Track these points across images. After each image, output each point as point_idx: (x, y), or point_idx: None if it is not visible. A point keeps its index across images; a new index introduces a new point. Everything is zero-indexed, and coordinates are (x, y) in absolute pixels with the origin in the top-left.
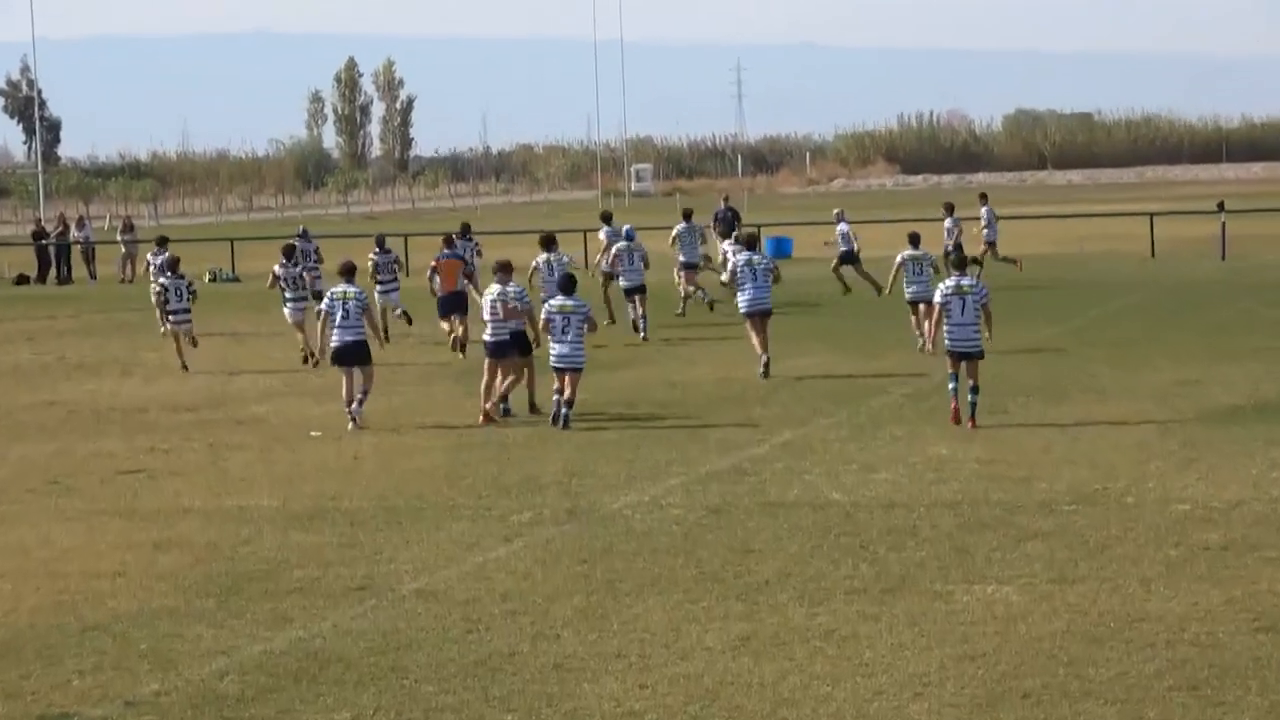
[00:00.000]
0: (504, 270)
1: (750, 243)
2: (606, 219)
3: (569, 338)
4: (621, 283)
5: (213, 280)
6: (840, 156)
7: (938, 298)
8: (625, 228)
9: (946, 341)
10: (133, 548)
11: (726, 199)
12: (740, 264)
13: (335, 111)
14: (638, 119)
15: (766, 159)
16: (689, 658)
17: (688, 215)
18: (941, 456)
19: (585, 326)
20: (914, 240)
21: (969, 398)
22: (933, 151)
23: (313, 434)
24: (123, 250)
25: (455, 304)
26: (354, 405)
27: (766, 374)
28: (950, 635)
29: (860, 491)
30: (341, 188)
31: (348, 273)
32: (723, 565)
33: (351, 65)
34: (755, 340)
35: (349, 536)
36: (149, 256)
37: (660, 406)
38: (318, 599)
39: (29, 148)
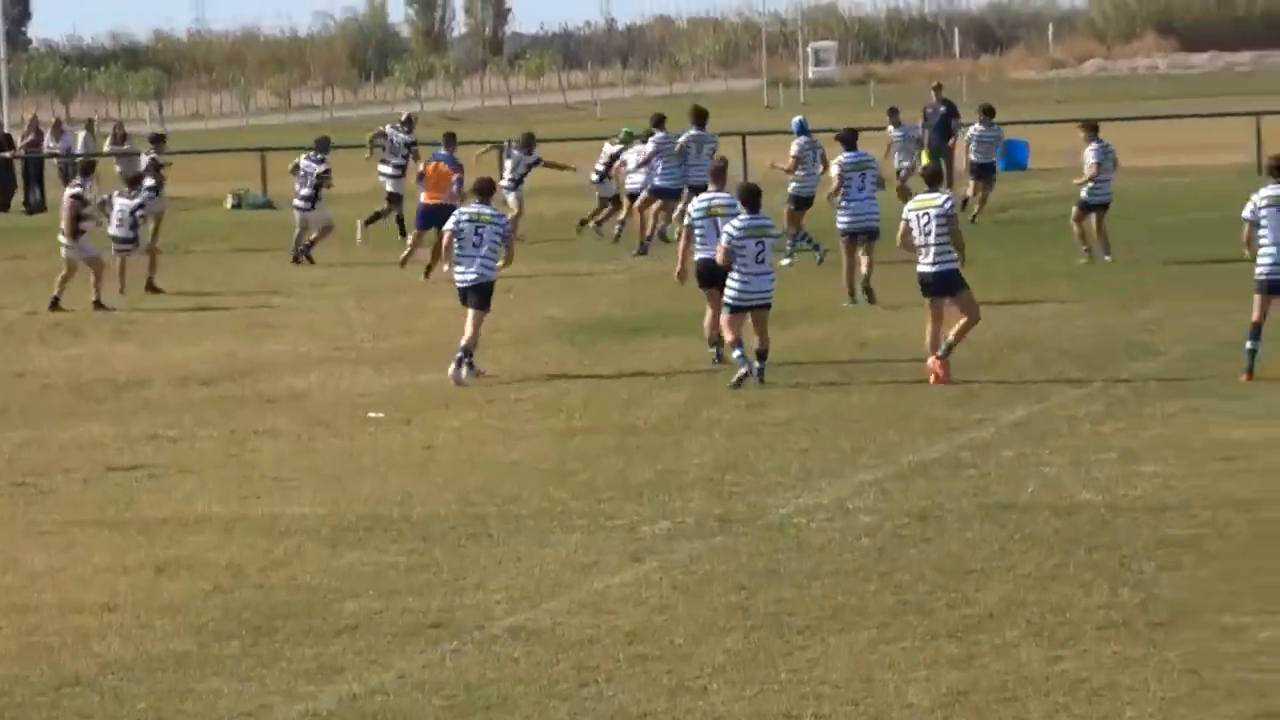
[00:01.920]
0: None
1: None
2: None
3: (765, 265)
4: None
5: (236, 206)
6: (1095, 29)
7: (1247, 212)
8: (796, 119)
9: (1260, 270)
10: (128, 571)
11: (938, 88)
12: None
13: None
14: None
15: (994, 33)
16: (884, 718)
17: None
18: (1232, 441)
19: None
20: None
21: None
22: (1223, 21)
23: (371, 415)
24: (116, 166)
25: (435, 218)
26: (461, 360)
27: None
28: (1244, 686)
29: (1120, 489)
30: (413, 77)
31: (483, 191)
32: (930, 591)
33: None
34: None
35: (421, 555)
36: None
37: (846, 373)
38: (379, 640)
39: None
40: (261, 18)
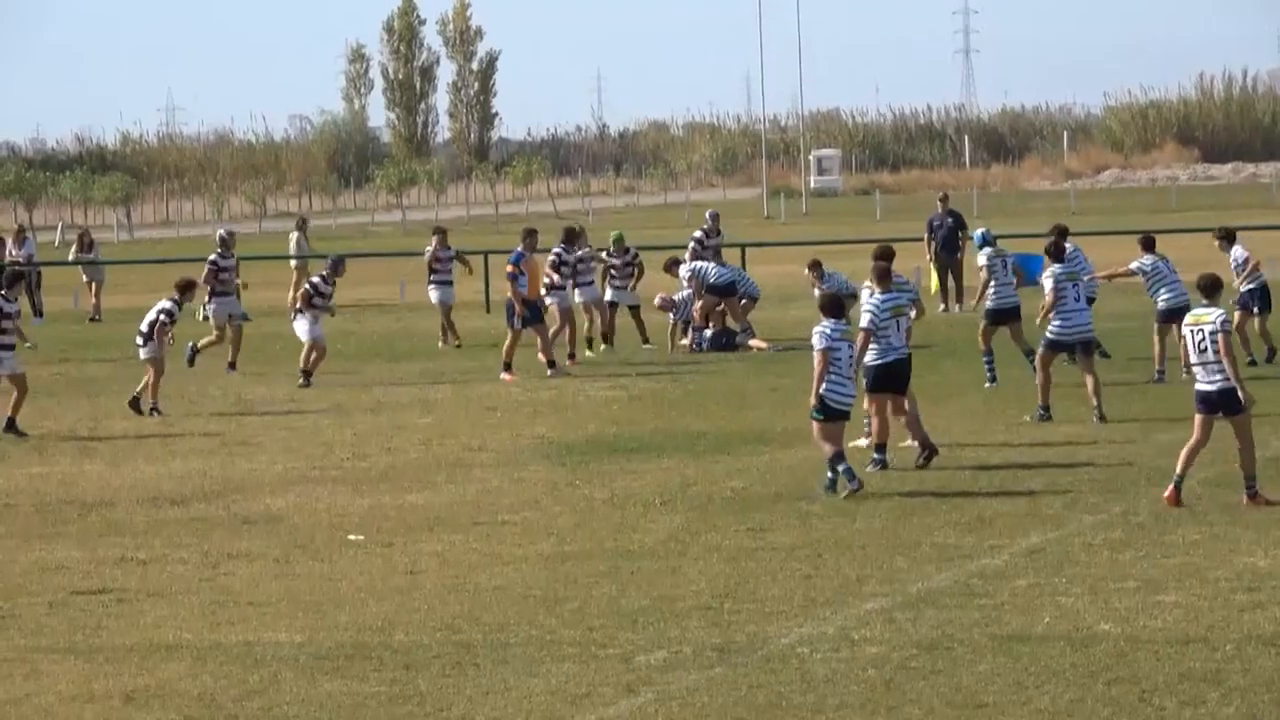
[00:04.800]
0: None
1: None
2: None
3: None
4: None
5: (208, 318)
6: (1112, 137)
7: None
8: (979, 232)
9: None
10: (95, 700)
11: (944, 199)
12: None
13: (385, 76)
14: (819, 85)
15: (1006, 142)
16: None
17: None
18: (1258, 570)
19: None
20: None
21: None
22: (1247, 130)
23: (351, 538)
24: (83, 275)
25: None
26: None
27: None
28: None
29: (1140, 620)
30: (394, 184)
31: (832, 309)
32: None
33: (409, 10)
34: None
35: (403, 685)
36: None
37: (851, 498)
38: None
39: None
40: (234, 121)
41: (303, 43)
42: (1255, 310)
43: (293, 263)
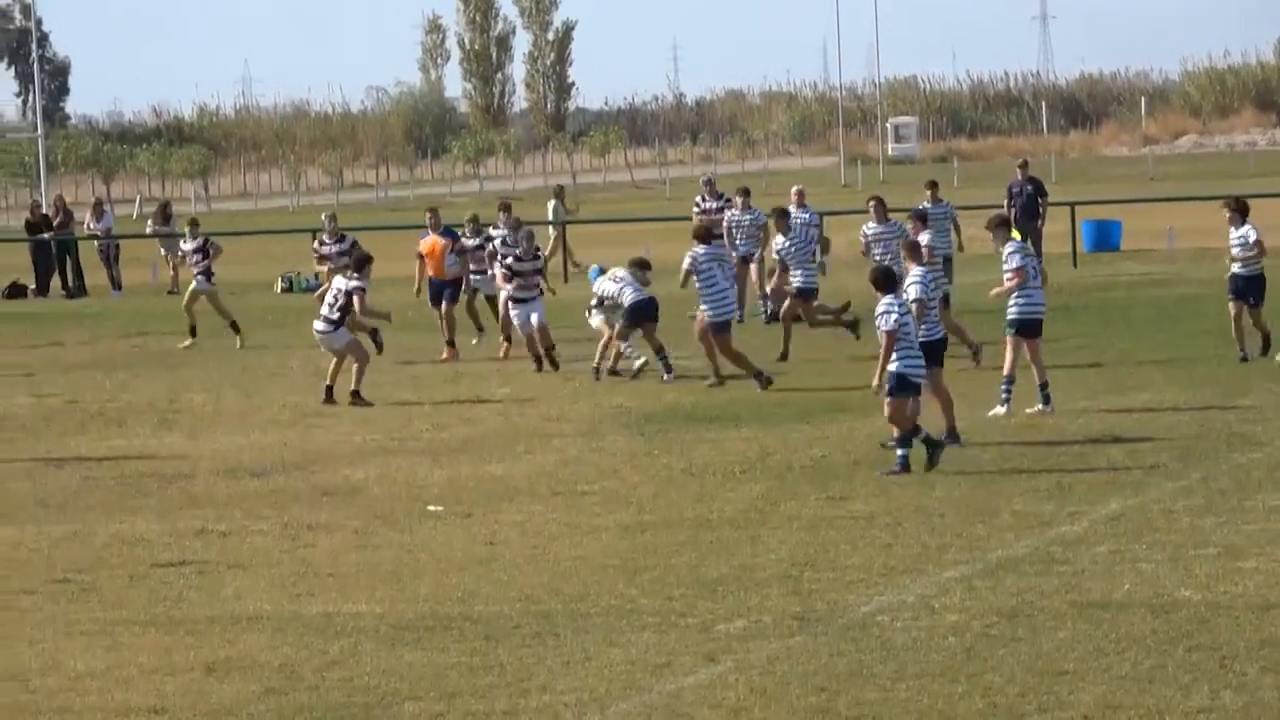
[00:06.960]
0: None
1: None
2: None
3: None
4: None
5: (287, 289)
6: (1190, 103)
7: None
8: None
9: None
10: (176, 673)
11: (1024, 165)
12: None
13: (461, 46)
14: (896, 53)
15: (1084, 108)
16: None
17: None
18: None
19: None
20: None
21: None
22: None
23: (431, 509)
24: (160, 248)
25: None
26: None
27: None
28: None
29: (1221, 587)
30: (471, 155)
31: (887, 283)
32: (1021, 694)
33: None
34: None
35: (484, 655)
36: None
37: (931, 470)
38: None
39: (24, 102)
40: (311, 93)
41: (379, 13)
42: (1251, 301)
43: (551, 230)
